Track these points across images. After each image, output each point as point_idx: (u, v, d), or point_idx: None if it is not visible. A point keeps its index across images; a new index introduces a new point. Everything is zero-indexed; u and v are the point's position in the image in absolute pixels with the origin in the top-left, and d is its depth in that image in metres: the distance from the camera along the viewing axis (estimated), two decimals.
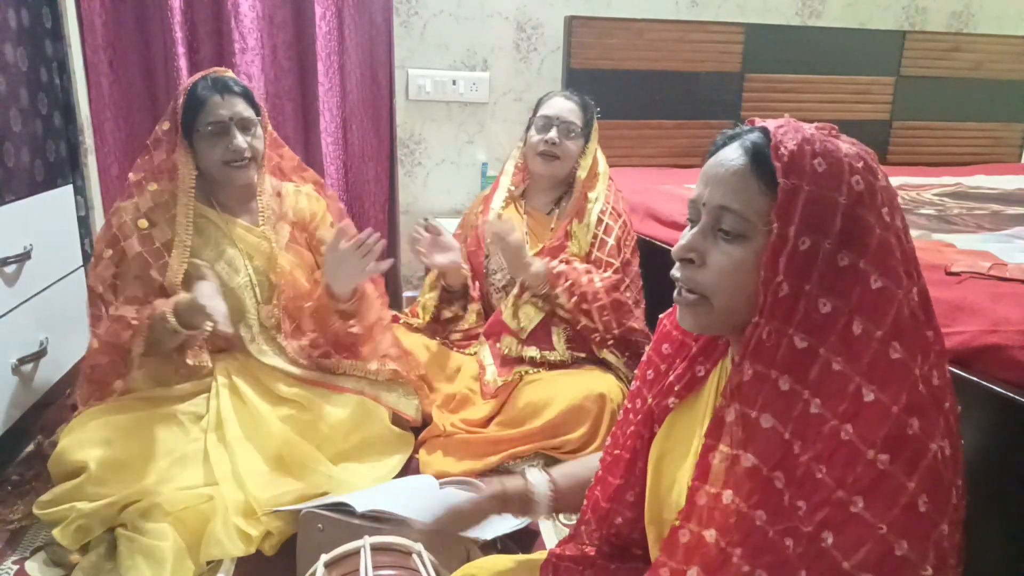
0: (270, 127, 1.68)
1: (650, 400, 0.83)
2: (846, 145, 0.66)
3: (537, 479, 0.97)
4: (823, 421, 0.63)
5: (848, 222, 0.63)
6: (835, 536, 0.61)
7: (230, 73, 1.59)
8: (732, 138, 0.71)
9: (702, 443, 0.74)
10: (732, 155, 0.69)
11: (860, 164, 0.65)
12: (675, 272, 0.74)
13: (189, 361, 1.52)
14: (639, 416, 0.84)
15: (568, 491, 0.96)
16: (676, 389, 0.80)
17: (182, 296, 1.43)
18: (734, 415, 0.68)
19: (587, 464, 1.00)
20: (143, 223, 1.50)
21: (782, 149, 0.65)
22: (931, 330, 0.66)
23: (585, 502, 0.90)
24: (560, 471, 0.99)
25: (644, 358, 0.87)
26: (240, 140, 1.52)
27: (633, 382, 0.88)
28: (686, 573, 0.68)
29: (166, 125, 1.53)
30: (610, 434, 0.90)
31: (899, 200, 0.68)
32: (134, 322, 1.43)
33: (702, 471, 0.70)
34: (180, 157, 1.51)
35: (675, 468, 0.78)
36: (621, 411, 0.89)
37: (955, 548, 0.65)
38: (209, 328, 1.37)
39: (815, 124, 0.68)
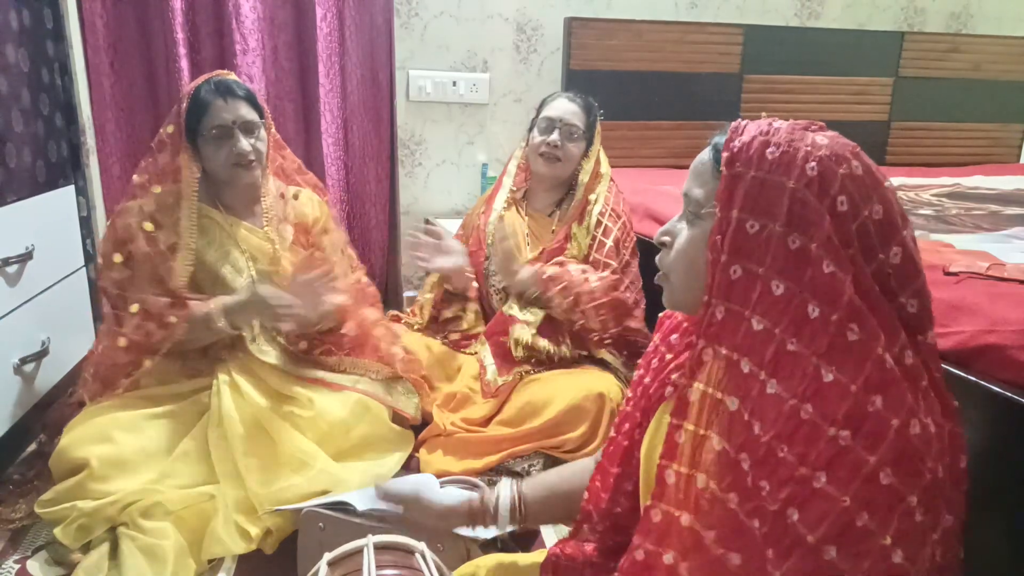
0: (273, 129, 1.69)
1: (647, 380, 0.85)
2: (821, 137, 0.68)
3: (504, 492, 1.00)
4: (781, 401, 0.64)
5: (796, 205, 0.65)
6: (800, 512, 0.62)
7: (233, 76, 1.60)
8: (714, 136, 0.76)
9: None
10: (706, 149, 0.75)
11: (823, 152, 0.66)
12: (657, 258, 0.80)
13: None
14: (638, 403, 0.85)
15: (536, 503, 0.99)
16: (674, 378, 0.81)
17: (229, 299, 1.49)
18: (698, 395, 0.70)
19: (562, 474, 1.03)
20: (148, 225, 1.51)
21: (735, 141, 0.69)
22: (924, 333, 0.68)
23: (586, 494, 0.91)
24: (532, 482, 1.02)
25: (651, 347, 0.88)
26: (244, 143, 1.53)
27: (636, 370, 0.89)
28: (662, 557, 0.69)
29: (170, 128, 1.54)
30: (613, 423, 0.91)
31: (881, 193, 0.67)
32: (172, 320, 1.45)
33: (668, 449, 0.71)
34: (184, 160, 1.52)
35: None
36: (624, 403, 0.90)
37: (948, 531, 0.66)
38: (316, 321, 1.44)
39: (801, 121, 0.71)
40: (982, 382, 1.08)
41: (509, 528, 1.02)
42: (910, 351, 0.66)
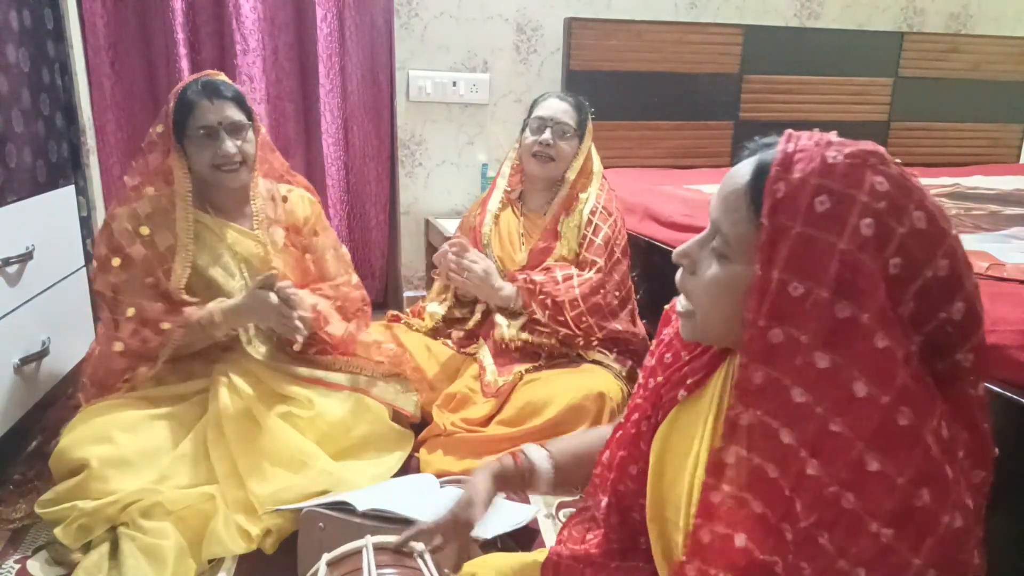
0: (263, 130, 1.68)
1: (660, 379, 0.82)
2: (881, 180, 0.59)
3: (537, 454, 0.97)
4: (822, 485, 0.60)
5: (846, 270, 0.58)
6: None
7: (222, 76, 1.59)
8: (755, 151, 0.67)
9: (702, 446, 0.74)
10: (742, 171, 0.66)
11: (882, 205, 0.58)
12: (677, 276, 0.75)
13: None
14: (647, 394, 0.84)
15: (566, 464, 0.97)
16: (688, 383, 0.79)
17: (228, 303, 1.49)
18: (735, 458, 0.65)
19: (582, 439, 1.01)
20: (144, 229, 1.51)
21: (780, 183, 0.60)
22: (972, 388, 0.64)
23: (597, 468, 0.90)
24: (556, 446, 1.00)
25: (665, 339, 0.85)
26: (229, 145, 1.51)
27: (647, 358, 0.87)
28: None
29: (160, 128, 1.53)
30: (627, 405, 0.89)
31: (947, 246, 0.60)
32: (167, 327, 1.45)
33: (704, 509, 0.68)
34: (175, 161, 1.52)
35: (676, 468, 0.78)
36: (635, 392, 0.89)
37: None
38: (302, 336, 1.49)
39: (859, 148, 0.61)
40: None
41: (541, 492, 1.00)
42: (944, 423, 0.60)
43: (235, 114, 1.54)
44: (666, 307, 0.87)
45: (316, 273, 1.71)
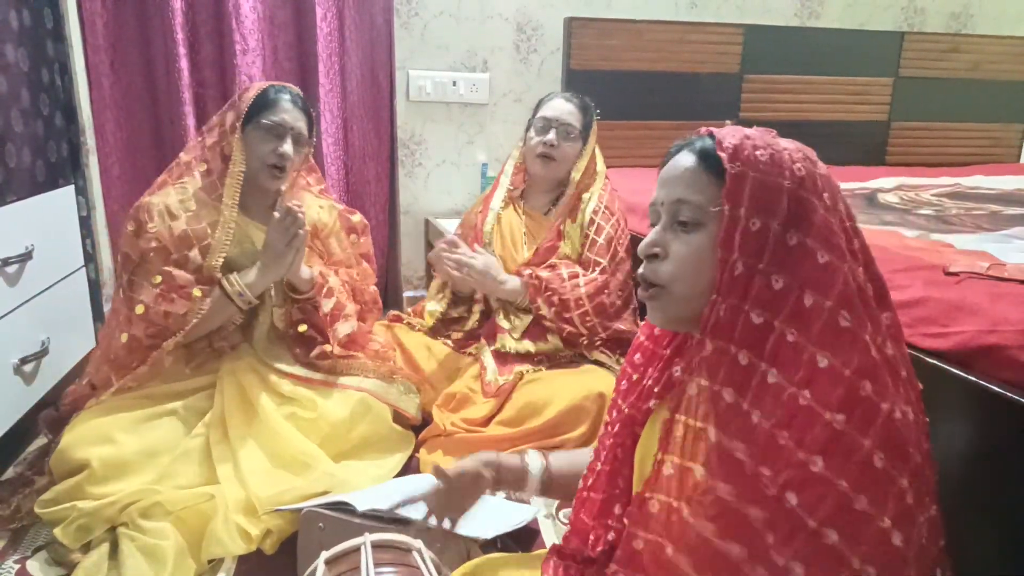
0: (311, 151, 1.73)
1: (626, 409, 0.85)
2: (786, 142, 0.73)
3: (533, 458, 1.00)
4: (781, 389, 0.66)
5: (794, 203, 0.69)
6: (798, 495, 0.64)
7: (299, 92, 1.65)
8: (683, 146, 0.79)
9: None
10: (684, 158, 0.77)
11: (799, 155, 0.71)
12: (640, 269, 0.78)
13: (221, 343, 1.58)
14: (616, 427, 0.86)
15: (561, 476, 0.99)
16: (656, 391, 0.82)
17: (246, 272, 1.53)
18: (696, 389, 0.71)
19: (586, 455, 1.02)
20: (191, 204, 1.53)
21: (726, 142, 0.72)
22: (887, 311, 0.71)
23: (569, 526, 0.92)
24: (557, 456, 1.02)
25: (636, 360, 0.89)
26: (288, 148, 1.56)
27: (619, 376, 0.90)
28: (664, 548, 0.70)
29: (229, 115, 1.56)
30: (594, 452, 0.91)
31: (841, 191, 0.74)
32: (197, 294, 1.47)
33: (665, 443, 0.73)
34: (236, 143, 1.54)
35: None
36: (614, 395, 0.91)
37: (928, 519, 0.67)
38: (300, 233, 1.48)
39: (755, 128, 0.75)
40: (982, 382, 1.08)
41: (531, 496, 1.02)
42: (890, 342, 0.69)
43: (304, 127, 1.60)
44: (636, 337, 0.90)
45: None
